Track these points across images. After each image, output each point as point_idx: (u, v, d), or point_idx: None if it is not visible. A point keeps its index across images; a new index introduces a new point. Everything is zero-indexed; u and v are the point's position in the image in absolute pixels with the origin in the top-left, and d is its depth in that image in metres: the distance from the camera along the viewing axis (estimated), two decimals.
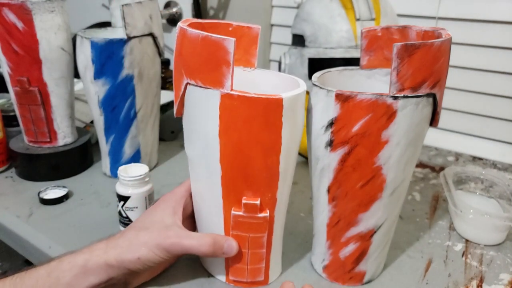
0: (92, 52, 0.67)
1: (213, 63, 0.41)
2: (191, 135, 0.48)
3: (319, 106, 0.46)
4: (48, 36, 0.70)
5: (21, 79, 0.71)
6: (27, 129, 0.76)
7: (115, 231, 0.62)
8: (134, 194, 0.59)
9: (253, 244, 0.49)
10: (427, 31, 0.47)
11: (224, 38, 0.40)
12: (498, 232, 0.61)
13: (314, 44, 0.76)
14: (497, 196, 0.68)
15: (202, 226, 0.53)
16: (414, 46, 0.40)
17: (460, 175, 0.71)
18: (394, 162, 0.45)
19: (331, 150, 0.46)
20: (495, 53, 0.89)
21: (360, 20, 0.73)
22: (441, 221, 0.67)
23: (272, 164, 0.45)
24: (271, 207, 0.47)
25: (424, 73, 0.42)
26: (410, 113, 0.43)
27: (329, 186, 0.48)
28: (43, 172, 0.75)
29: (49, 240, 0.60)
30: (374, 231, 0.49)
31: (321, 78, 0.50)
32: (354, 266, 0.51)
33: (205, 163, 0.47)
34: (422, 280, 0.54)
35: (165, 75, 1.11)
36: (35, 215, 0.66)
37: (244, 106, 0.42)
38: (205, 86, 0.43)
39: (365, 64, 0.54)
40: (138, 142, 0.76)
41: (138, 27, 0.69)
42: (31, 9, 0.67)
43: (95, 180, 0.77)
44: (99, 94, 0.70)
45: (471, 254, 0.60)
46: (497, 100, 0.92)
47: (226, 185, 0.46)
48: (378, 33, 0.52)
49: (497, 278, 0.55)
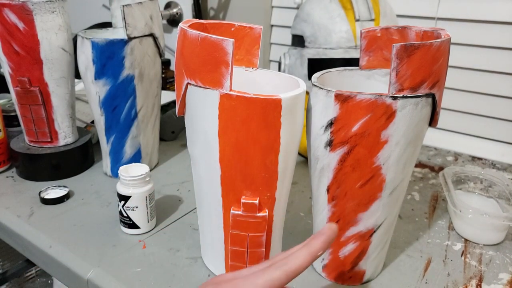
0: (92, 53, 0.67)
1: (212, 63, 0.41)
2: (192, 134, 0.48)
3: (318, 106, 0.46)
4: (49, 37, 0.70)
5: (22, 79, 0.71)
6: (28, 129, 0.76)
7: (116, 231, 0.62)
8: (135, 194, 0.59)
9: (252, 243, 0.49)
10: (426, 32, 0.48)
11: (223, 39, 0.40)
12: (497, 231, 0.61)
13: (314, 44, 0.76)
14: (496, 196, 0.68)
15: (203, 225, 0.53)
16: (414, 46, 0.41)
17: (459, 175, 0.72)
18: (394, 162, 0.45)
19: (331, 150, 0.46)
20: (494, 53, 0.89)
21: (359, 20, 0.74)
22: (440, 220, 0.67)
23: (270, 164, 0.45)
24: (270, 206, 0.48)
25: (423, 73, 0.42)
26: (410, 113, 0.43)
27: (329, 185, 0.48)
28: (44, 172, 0.76)
29: (50, 240, 0.60)
30: (374, 231, 0.49)
31: (321, 78, 0.51)
32: (354, 265, 0.52)
33: (205, 162, 0.47)
34: (422, 280, 0.54)
35: (165, 75, 1.12)
36: (36, 214, 0.66)
37: (243, 106, 0.42)
38: (204, 86, 0.43)
39: (365, 64, 0.54)
40: (138, 142, 0.76)
41: (138, 27, 0.69)
42: (32, 9, 0.67)
43: (96, 180, 0.77)
44: (99, 94, 0.71)
45: (470, 253, 0.60)
46: (496, 100, 0.92)
47: (225, 184, 0.46)
48: (377, 34, 0.52)
49: (496, 278, 0.55)
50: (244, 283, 0.36)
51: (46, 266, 0.61)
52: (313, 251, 0.37)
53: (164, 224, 0.64)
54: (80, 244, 0.59)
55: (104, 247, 0.59)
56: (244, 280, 0.36)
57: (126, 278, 0.53)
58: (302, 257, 0.37)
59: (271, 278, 0.35)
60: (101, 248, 0.59)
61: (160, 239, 0.61)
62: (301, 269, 0.36)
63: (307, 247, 0.37)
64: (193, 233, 0.63)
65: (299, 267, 0.36)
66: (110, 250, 0.58)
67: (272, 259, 0.39)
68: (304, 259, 0.37)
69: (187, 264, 0.56)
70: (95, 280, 0.54)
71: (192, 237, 0.62)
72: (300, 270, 0.36)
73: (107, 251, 0.58)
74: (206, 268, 0.55)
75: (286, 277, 0.36)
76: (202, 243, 0.55)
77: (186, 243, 0.60)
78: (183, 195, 0.73)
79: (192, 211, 0.68)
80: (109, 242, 0.60)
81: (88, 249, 0.58)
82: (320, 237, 0.38)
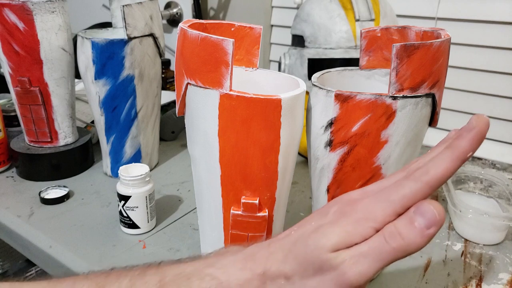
0: (93, 53, 0.67)
1: (212, 63, 0.41)
2: (192, 134, 0.48)
3: (318, 106, 0.46)
4: (49, 37, 0.70)
5: (22, 79, 0.71)
6: (28, 129, 0.76)
7: (116, 231, 0.62)
8: (135, 194, 0.59)
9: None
10: (426, 32, 0.48)
11: (223, 39, 0.40)
12: (497, 231, 0.61)
13: (314, 44, 0.76)
14: (496, 196, 0.68)
15: (203, 225, 0.53)
16: (413, 46, 0.40)
17: (459, 175, 0.72)
18: (394, 162, 0.45)
19: (331, 150, 0.46)
20: (494, 53, 0.89)
21: (359, 20, 0.74)
22: None
23: (270, 164, 0.45)
24: (270, 206, 0.48)
25: (423, 73, 0.42)
26: (409, 113, 0.43)
27: (329, 185, 0.48)
28: (44, 172, 0.76)
29: (50, 240, 0.60)
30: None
31: (321, 78, 0.51)
32: None
33: (205, 162, 0.47)
34: (422, 280, 0.54)
35: (165, 75, 1.12)
36: (36, 214, 0.66)
37: (242, 106, 0.42)
38: (204, 86, 0.43)
39: (365, 64, 0.54)
40: (138, 142, 0.76)
41: (138, 27, 0.69)
42: (32, 9, 0.67)
43: (96, 180, 0.77)
44: (100, 94, 0.71)
45: (470, 253, 0.60)
46: (496, 100, 0.92)
47: (225, 184, 0.46)
48: (377, 34, 0.52)
49: (496, 278, 0.55)
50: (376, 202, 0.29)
51: (46, 266, 0.61)
52: (460, 154, 0.28)
53: (164, 224, 0.64)
54: (80, 244, 0.59)
55: (104, 247, 0.59)
56: (376, 198, 0.30)
57: None
58: (446, 163, 0.28)
59: (410, 192, 0.28)
60: (101, 248, 0.58)
61: (160, 239, 0.61)
62: (446, 178, 0.28)
63: (451, 149, 0.29)
64: (193, 233, 0.63)
65: (443, 176, 0.28)
66: (110, 250, 0.58)
67: (405, 168, 0.32)
68: (448, 165, 0.28)
69: None
70: None
71: (192, 237, 0.62)
72: (444, 179, 0.28)
73: (107, 251, 0.58)
74: None
75: (429, 189, 0.28)
76: (202, 243, 0.55)
77: (186, 243, 0.60)
78: (183, 195, 0.73)
79: (192, 211, 0.68)
80: (109, 242, 0.60)
81: (88, 249, 0.58)
82: (468, 134, 0.29)
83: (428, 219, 0.27)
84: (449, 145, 0.29)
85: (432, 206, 0.27)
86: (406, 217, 0.28)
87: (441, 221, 0.27)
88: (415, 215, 0.27)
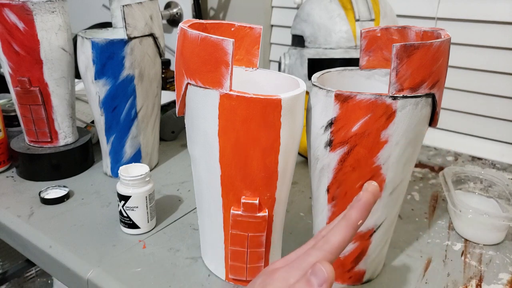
0: (92, 53, 0.67)
1: (212, 63, 0.42)
2: (192, 134, 0.48)
3: (318, 106, 0.46)
4: (49, 37, 0.70)
5: (22, 79, 0.71)
6: (28, 129, 0.76)
7: (116, 231, 0.62)
8: (135, 193, 0.59)
9: (252, 243, 0.49)
10: (426, 32, 0.48)
11: (223, 39, 0.40)
12: (497, 231, 0.61)
13: (314, 44, 0.76)
14: (496, 196, 0.68)
15: (203, 225, 0.53)
16: (413, 46, 0.41)
17: (459, 175, 0.72)
18: (393, 162, 0.45)
19: (331, 150, 0.46)
20: (494, 53, 0.89)
21: (359, 20, 0.74)
22: (440, 220, 0.67)
23: (270, 164, 0.45)
24: (270, 206, 0.48)
25: (423, 73, 0.42)
26: (409, 113, 0.43)
27: (329, 185, 0.48)
28: (44, 172, 0.76)
29: (50, 240, 0.60)
30: (374, 231, 0.49)
31: (321, 78, 0.51)
32: (354, 265, 0.52)
33: (205, 162, 0.47)
34: (421, 280, 0.54)
35: (165, 75, 1.12)
36: (36, 214, 0.66)
37: (242, 106, 0.42)
38: (204, 86, 0.43)
39: (365, 64, 0.54)
40: (138, 142, 0.76)
41: (138, 27, 0.69)
42: (32, 9, 0.67)
43: (96, 180, 0.77)
44: (100, 94, 0.71)
45: (470, 253, 0.60)
46: (496, 100, 0.92)
47: (225, 184, 0.46)
48: (377, 34, 0.52)
49: (496, 278, 0.55)
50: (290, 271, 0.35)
51: (46, 266, 0.61)
52: (351, 223, 0.34)
53: (164, 224, 0.64)
54: (80, 244, 0.59)
55: (104, 247, 0.59)
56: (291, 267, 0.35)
57: (126, 278, 0.53)
58: (342, 232, 0.34)
59: (316, 259, 0.34)
60: (101, 248, 0.59)
61: (160, 239, 0.61)
62: (343, 244, 0.34)
63: (345, 219, 0.35)
64: (193, 233, 0.63)
65: (340, 244, 0.34)
66: (110, 250, 0.58)
67: (315, 236, 0.38)
68: (343, 234, 0.34)
69: (187, 264, 0.56)
70: (95, 280, 0.54)
71: (192, 237, 0.62)
72: (342, 246, 0.34)
73: (107, 251, 0.58)
74: (206, 268, 0.55)
75: (330, 255, 0.34)
76: (202, 243, 0.55)
77: (186, 243, 0.60)
78: (183, 195, 0.73)
79: (192, 211, 0.68)
80: (109, 242, 0.60)
81: (88, 249, 0.58)
82: (357, 204, 0.35)
83: (320, 278, 0.32)
84: (343, 216, 0.35)
85: (322, 267, 0.32)
86: (305, 278, 0.33)
87: (329, 279, 0.31)
88: (310, 276, 0.32)
